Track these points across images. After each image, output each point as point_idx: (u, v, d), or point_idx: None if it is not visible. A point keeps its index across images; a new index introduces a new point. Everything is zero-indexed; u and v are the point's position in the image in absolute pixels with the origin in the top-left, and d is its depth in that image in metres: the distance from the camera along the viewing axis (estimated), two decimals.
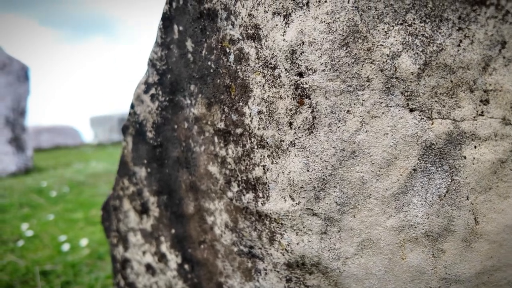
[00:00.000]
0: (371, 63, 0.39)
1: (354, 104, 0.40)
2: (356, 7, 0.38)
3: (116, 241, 0.86)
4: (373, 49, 0.39)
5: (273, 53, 0.42)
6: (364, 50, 0.39)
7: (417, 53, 0.37)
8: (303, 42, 0.40)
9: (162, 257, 0.74)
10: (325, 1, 0.38)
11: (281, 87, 0.42)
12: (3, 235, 2.84)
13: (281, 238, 0.48)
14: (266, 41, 0.42)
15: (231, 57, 0.47)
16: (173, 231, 0.70)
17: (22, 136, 6.05)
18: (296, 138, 0.42)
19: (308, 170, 0.42)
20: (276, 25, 0.40)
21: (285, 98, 0.42)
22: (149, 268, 0.77)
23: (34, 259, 2.37)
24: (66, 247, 2.50)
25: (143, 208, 0.75)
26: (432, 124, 0.39)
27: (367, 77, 0.39)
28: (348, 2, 0.38)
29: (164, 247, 0.73)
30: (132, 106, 0.68)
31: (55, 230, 2.97)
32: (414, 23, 0.37)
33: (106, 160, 6.33)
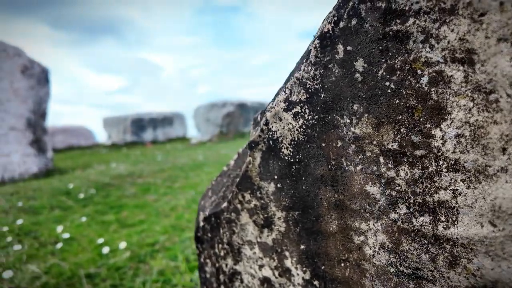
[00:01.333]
0: None
1: None
2: None
3: (224, 253, 0.85)
4: None
5: (491, 78, 0.40)
6: None
7: None
8: None
9: (284, 272, 0.72)
10: None
11: (497, 112, 0.41)
12: (41, 237, 2.84)
13: (467, 263, 0.47)
14: (482, 66, 0.41)
15: (424, 79, 0.46)
16: (302, 247, 0.69)
17: (43, 138, 6.07)
18: (509, 164, 0.41)
19: None
20: (501, 51, 0.39)
21: (501, 123, 0.41)
22: (265, 282, 0.76)
23: (76, 262, 2.36)
24: (105, 250, 2.49)
25: (265, 222, 0.74)
26: None
27: None
28: None
29: (288, 262, 0.72)
30: (267, 123, 0.67)
31: (90, 232, 2.96)
32: None
33: (125, 161, 6.32)
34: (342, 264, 0.62)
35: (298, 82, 0.60)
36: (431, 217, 0.49)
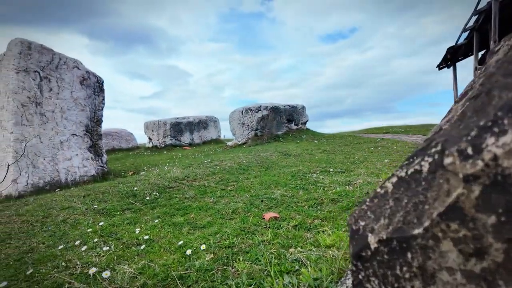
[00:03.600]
0: None
1: None
2: None
3: (409, 276, 0.84)
4: None
5: None
6: None
7: None
8: None
9: None
10: None
11: None
12: (122, 238, 2.94)
13: None
14: None
15: None
16: None
17: (99, 142, 6.31)
18: None
19: None
20: None
21: None
22: None
23: (163, 263, 2.41)
24: (188, 252, 2.54)
25: (476, 252, 0.72)
26: None
27: None
28: None
29: None
30: (495, 159, 0.66)
31: (166, 234, 3.04)
32: None
33: (171, 163, 6.46)
34: None
35: None
36: None
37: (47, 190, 5.30)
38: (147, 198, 3.97)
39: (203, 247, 2.66)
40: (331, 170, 5.00)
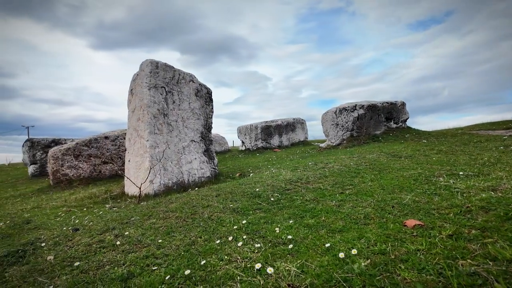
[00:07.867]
0: None
1: None
2: None
3: None
4: None
5: None
6: None
7: None
8: None
9: None
10: None
11: None
12: (267, 236, 3.13)
13: None
14: None
15: None
16: None
17: (210, 147, 6.99)
18: None
19: None
20: None
21: None
22: None
23: (318, 264, 2.47)
24: (341, 255, 2.55)
25: None
26: None
27: None
28: None
29: None
30: None
31: (304, 234, 3.11)
32: None
33: (274, 165, 6.73)
34: None
35: None
36: None
37: (174, 189, 6.09)
38: (271, 199, 4.19)
39: (353, 251, 2.65)
40: (461, 173, 4.47)
